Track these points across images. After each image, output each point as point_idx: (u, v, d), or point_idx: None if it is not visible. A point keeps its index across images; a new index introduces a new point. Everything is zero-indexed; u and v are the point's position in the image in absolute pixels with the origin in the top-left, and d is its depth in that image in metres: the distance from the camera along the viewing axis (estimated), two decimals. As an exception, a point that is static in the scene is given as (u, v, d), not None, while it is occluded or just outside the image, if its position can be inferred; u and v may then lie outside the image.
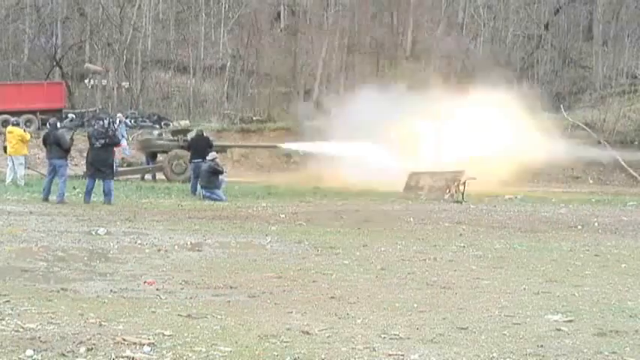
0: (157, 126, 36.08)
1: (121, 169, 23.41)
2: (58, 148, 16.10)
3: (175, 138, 24.89)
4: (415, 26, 48.62)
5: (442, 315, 6.30)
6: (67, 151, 16.39)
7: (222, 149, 25.16)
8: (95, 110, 36.81)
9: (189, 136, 23.70)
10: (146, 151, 25.72)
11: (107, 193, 15.86)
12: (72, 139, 16.72)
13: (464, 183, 19.95)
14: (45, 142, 16.62)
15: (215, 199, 17.76)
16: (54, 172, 16.11)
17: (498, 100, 24.76)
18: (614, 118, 34.39)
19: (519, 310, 6.54)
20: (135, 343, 5.07)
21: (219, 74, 44.04)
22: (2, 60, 42.55)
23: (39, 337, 5.15)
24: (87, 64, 39.34)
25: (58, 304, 6.34)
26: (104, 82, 41.96)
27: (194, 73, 43.58)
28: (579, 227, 14.13)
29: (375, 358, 4.97)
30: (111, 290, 7.11)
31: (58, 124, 17.03)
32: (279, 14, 50.24)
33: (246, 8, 45.61)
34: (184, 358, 4.84)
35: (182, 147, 23.70)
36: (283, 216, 14.58)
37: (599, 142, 33.16)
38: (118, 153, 22.99)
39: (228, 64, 43.53)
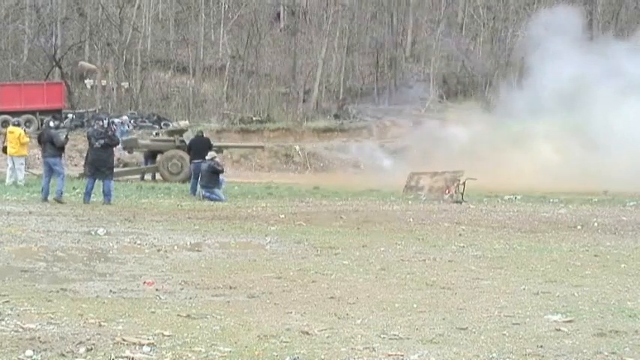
0: (157, 126, 36.08)
1: (117, 169, 23.42)
2: (51, 146, 16.21)
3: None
4: (415, 26, 48.71)
5: (442, 315, 6.30)
6: (61, 149, 16.45)
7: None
8: (95, 110, 36.82)
9: (185, 136, 23.72)
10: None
11: (107, 194, 15.87)
12: (67, 137, 16.86)
13: (463, 183, 19.95)
14: (39, 140, 16.79)
15: (215, 199, 17.75)
16: (50, 171, 16.18)
17: None
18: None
19: (519, 311, 6.54)
20: (134, 344, 5.07)
21: (218, 74, 44.07)
22: (2, 60, 42.59)
23: (38, 338, 5.15)
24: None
25: (57, 304, 6.34)
26: (104, 82, 41.97)
27: (194, 74, 43.61)
28: (579, 227, 14.12)
29: (374, 359, 4.97)
30: (110, 290, 7.11)
31: (51, 124, 17.16)
32: (278, 14, 50.29)
33: (246, 8, 45.65)
34: (184, 358, 4.84)
35: (178, 147, 23.76)
36: (283, 216, 14.57)
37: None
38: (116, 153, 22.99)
39: (228, 64, 43.57)
